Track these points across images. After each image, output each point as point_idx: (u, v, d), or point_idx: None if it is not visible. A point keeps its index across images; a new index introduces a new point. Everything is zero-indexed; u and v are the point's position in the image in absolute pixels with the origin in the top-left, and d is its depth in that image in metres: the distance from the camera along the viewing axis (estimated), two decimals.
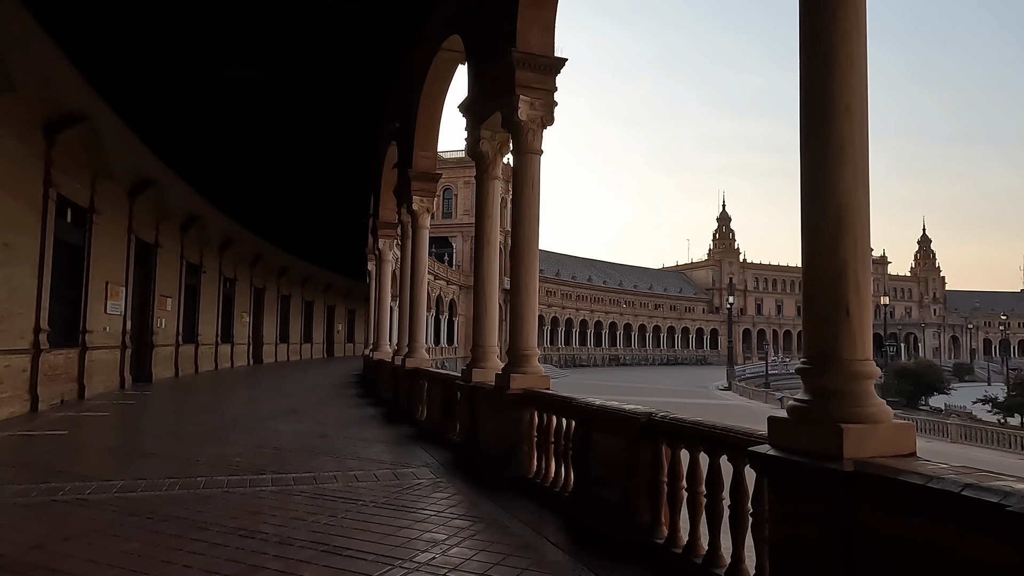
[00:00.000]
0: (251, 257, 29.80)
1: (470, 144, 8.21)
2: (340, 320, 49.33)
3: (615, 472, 4.77)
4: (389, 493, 6.21)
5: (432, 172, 11.90)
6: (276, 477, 6.76)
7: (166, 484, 6.31)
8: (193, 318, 22.75)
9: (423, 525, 5.16)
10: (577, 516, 5.16)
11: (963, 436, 31.60)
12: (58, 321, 12.50)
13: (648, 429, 4.49)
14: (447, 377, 9.49)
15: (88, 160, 13.48)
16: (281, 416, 11.76)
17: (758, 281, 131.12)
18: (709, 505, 3.99)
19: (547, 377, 6.81)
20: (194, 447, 8.56)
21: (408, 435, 9.95)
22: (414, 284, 11.85)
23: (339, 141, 17.27)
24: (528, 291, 6.92)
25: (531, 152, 6.97)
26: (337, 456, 8.08)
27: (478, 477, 6.89)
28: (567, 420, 5.82)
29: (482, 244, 8.05)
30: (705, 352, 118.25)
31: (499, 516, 5.49)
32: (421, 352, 11.75)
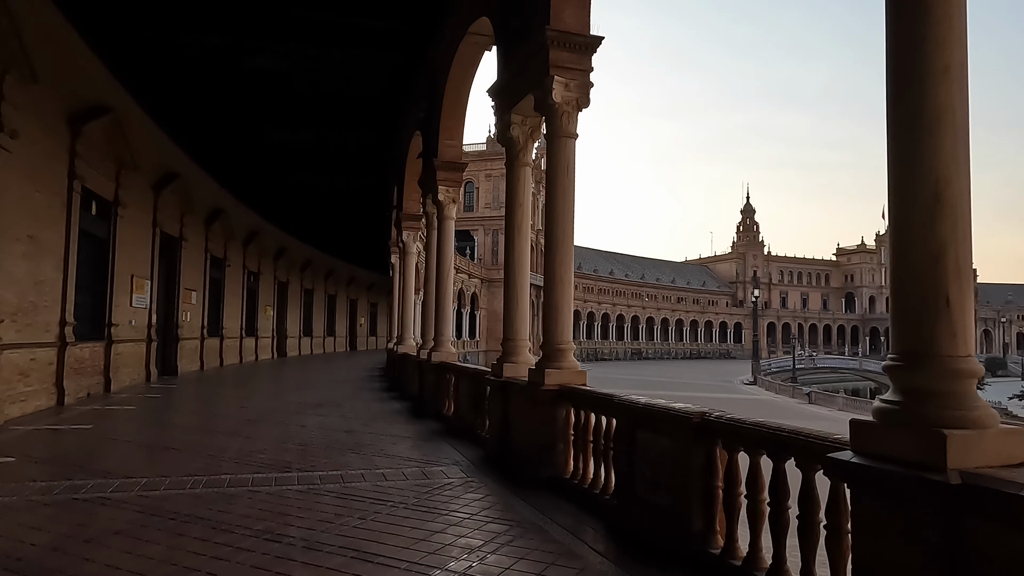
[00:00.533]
0: (275, 251, 29.82)
1: (500, 129, 7.88)
2: (362, 314, 49.46)
3: (663, 475, 4.45)
4: (419, 493, 5.94)
5: (458, 161, 11.60)
6: (302, 475, 6.54)
7: (190, 482, 6.12)
8: (218, 311, 22.77)
9: (457, 529, 4.88)
10: (621, 521, 4.85)
11: None
12: (84, 314, 12.45)
13: (702, 429, 4.16)
14: (476, 372, 9.22)
15: (113, 152, 13.40)
16: (307, 410, 11.59)
17: (783, 274, 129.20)
18: (773, 514, 3.65)
19: (583, 372, 6.49)
20: (219, 442, 8.39)
21: (435, 431, 9.70)
22: (440, 277, 11.57)
23: (363, 132, 17.07)
24: (563, 282, 6.59)
25: (566, 136, 6.63)
26: (364, 453, 7.84)
27: (510, 476, 6.61)
28: (607, 418, 5.50)
29: (513, 234, 7.73)
30: (728, 346, 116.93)
31: (536, 519, 5.19)
32: (447, 346, 11.49)
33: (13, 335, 9.60)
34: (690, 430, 4.19)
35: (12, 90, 9.18)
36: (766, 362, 74.03)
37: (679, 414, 4.29)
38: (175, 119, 16.23)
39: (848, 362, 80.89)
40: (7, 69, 9.05)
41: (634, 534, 4.66)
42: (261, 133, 17.44)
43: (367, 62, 13.04)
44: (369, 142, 17.88)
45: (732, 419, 4.02)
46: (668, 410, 4.45)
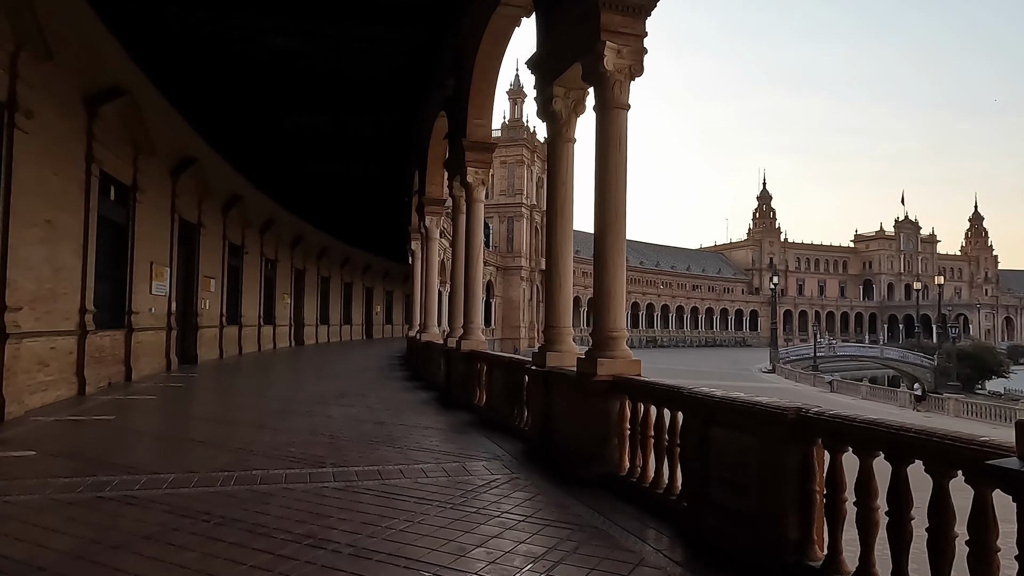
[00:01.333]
0: (292, 238, 29.53)
1: (540, 103, 7.38)
2: (378, 301, 49.24)
3: (747, 478, 3.99)
4: (464, 491, 5.53)
5: (488, 141, 11.11)
6: (337, 471, 6.15)
7: (220, 478, 5.74)
8: (236, 299, 22.52)
9: (514, 533, 4.46)
10: (693, 527, 4.40)
11: None
12: (103, 302, 12.16)
13: (798, 427, 3.69)
14: (511, 360, 8.79)
15: (130, 136, 13.03)
16: (331, 400, 11.24)
17: (799, 261, 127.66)
18: (892, 525, 3.19)
19: (638, 362, 6.03)
20: (246, 434, 8.03)
21: (467, 422, 9.30)
22: (469, 262, 11.13)
23: (383, 116, 16.57)
24: (615, 264, 6.12)
25: (618, 107, 6.13)
26: (398, 446, 7.45)
27: (557, 472, 6.19)
28: (672, 412, 5.05)
29: (555, 214, 7.25)
30: (744, 334, 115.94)
31: (596, 522, 4.76)
32: (477, 334, 11.06)
33: (32, 323, 9.29)
34: (784, 428, 3.72)
35: (26, 68, 8.80)
36: (784, 350, 73.16)
37: (770, 410, 3.83)
38: (192, 102, 15.85)
39: (869, 350, 79.77)
40: (21, 45, 8.66)
41: (710, 542, 4.21)
42: (278, 118, 17.00)
43: (389, 40, 12.52)
44: (388, 126, 17.38)
45: (836, 416, 3.55)
46: (754, 405, 3.98)
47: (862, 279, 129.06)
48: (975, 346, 63.66)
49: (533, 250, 69.82)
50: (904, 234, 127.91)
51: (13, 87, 8.57)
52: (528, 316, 68.83)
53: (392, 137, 18.13)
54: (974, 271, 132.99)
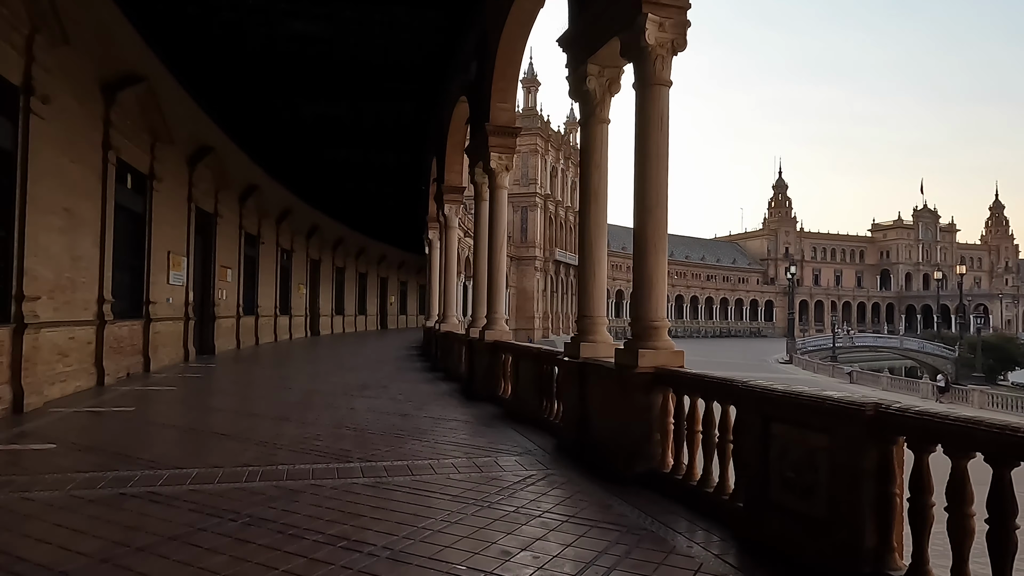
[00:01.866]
0: (307, 228, 29.39)
1: (573, 83, 7.06)
2: (393, 292, 49.15)
3: (815, 478, 3.69)
4: (500, 488, 5.27)
5: (512, 126, 10.79)
6: (366, 466, 5.91)
7: (245, 474, 5.52)
8: (253, 289, 22.42)
9: (559, 535, 4.20)
10: (751, 530, 4.11)
11: None
12: (122, 292, 12.02)
13: (877, 424, 3.38)
14: (539, 351, 8.51)
15: (147, 124, 12.84)
16: (353, 392, 11.03)
17: (815, 251, 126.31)
18: (995, 533, 2.88)
19: (681, 353, 5.73)
20: (269, 427, 7.83)
21: (494, 414, 9.05)
22: (493, 250, 10.85)
23: (402, 103, 16.27)
24: (657, 250, 5.81)
25: (659, 83, 5.79)
26: (425, 440, 7.21)
27: (594, 469, 5.92)
28: (723, 407, 4.75)
29: (588, 200, 6.94)
30: (759, 324, 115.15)
31: (644, 523, 4.48)
32: (501, 324, 10.80)
33: (51, 313, 9.12)
34: (861, 425, 3.41)
35: (42, 52, 8.58)
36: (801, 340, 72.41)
37: (844, 405, 3.52)
38: (209, 90, 15.64)
39: (888, 340, 78.78)
40: (37, 28, 8.44)
41: (772, 546, 3.92)
42: (296, 106, 16.75)
43: (410, 24, 12.20)
44: (407, 113, 17.09)
45: (923, 412, 3.24)
46: (824, 400, 3.67)
47: (879, 269, 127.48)
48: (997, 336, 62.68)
49: (547, 240, 69.43)
50: (923, 223, 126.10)
51: (29, 71, 8.35)
52: (542, 306, 68.52)
53: (411, 125, 17.83)
54: (994, 260, 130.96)
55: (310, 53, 13.47)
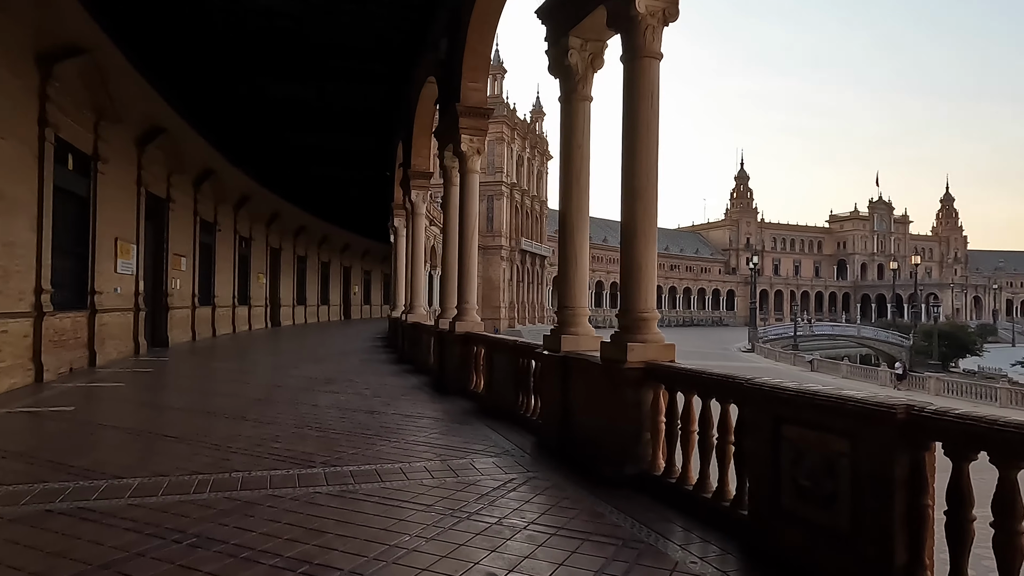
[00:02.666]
0: (268, 216, 28.36)
1: (553, 57, 6.60)
2: (356, 281, 48.13)
3: (835, 487, 3.33)
4: (479, 496, 4.82)
5: (484, 107, 10.27)
6: (330, 471, 5.40)
7: (195, 483, 4.96)
8: (209, 279, 21.45)
9: (549, 552, 3.77)
10: (761, 541, 3.74)
11: (1013, 401, 30.12)
12: (63, 281, 11.17)
13: (910, 429, 3.03)
14: (516, 344, 8.07)
15: (91, 100, 11.93)
16: (317, 387, 10.43)
17: (776, 241, 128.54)
18: None
19: (672, 346, 5.35)
20: (224, 428, 7.23)
21: (466, 410, 8.60)
22: (464, 237, 10.34)
23: (369, 84, 15.55)
24: (647, 236, 5.41)
25: (649, 56, 5.37)
26: (395, 440, 6.72)
27: (579, 470, 5.52)
28: (724, 405, 4.38)
29: (570, 182, 6.51)
30: (721, 313, 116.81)
31: (641, 535, 4.09)
32: (473, 315, 10.32)
33: None
34: (892, 429, 3.05)
35: None
36: (762, 329, 73.57)
37: (871, 407, 3.15)
38: (161, 66, 14.71)
39: (845, 329, 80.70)
40: None
41: (787, 561, 3.56)
42: (257, 86, 15.91)
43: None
44: (374, 95, 16.38)
45: (964, 415, 2.89)
46: (845, 401, 3.30)
47: (836, 259, 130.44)
48: (950, 325, 64.57)
49: (514, 230, 68.94)
50: (878, 215, 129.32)
51: None
52: (508, 296, 68.12)
53: (378, 107, 17.13)
54: (944, 251, 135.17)
55: (273, 29, 12.70)
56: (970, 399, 31.94)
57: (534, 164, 74.15)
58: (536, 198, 74.67)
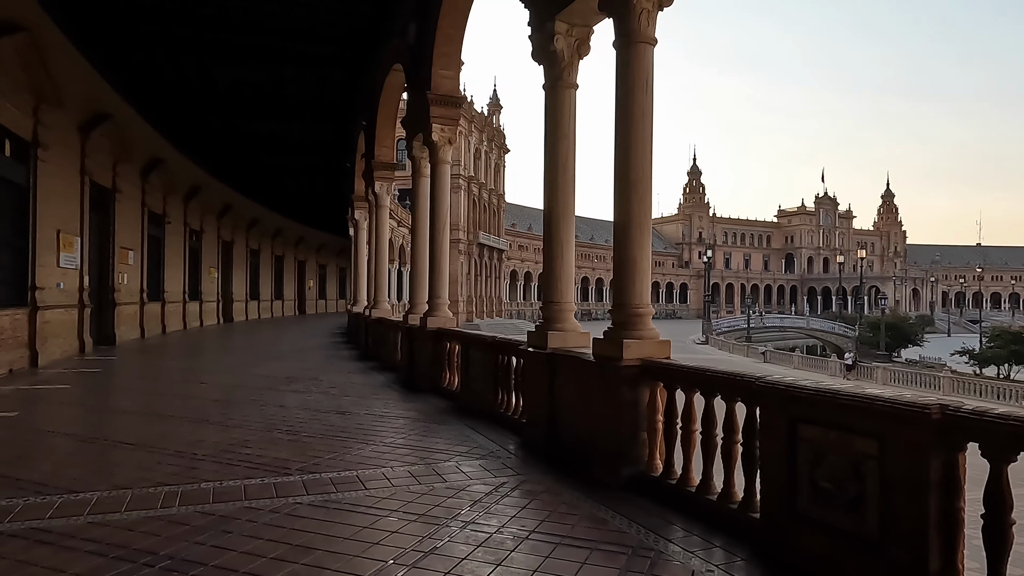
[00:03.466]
0: (219, 207, 27.30)
1: (537, 43, 6.34)
2: (311, 276, 47.00)
3: (860, 490, 3.20)
4: (473, 502, 4.57)
5: (456, 95, 9.94)
6: (309, 479, 5.06)
7: (161, 496, 4.56)
8: (158, 273, 20.51)
9: (559, 564, 3.54)
10: (781, 548, 3.60)
11: (955, 389, 31.39)
12: (1, 277, 10.41)
13: (945, 429, 2.90)
14: (496, 340, 7.80)
15: (29, 82, 11.13)
16: (281, 386, 9.97)
17: (727, 235, 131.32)
18: None
19: (667, 343, 5.18)
20: (186, 432, 6.76)
21: (442, 409, 8.31)
22: (435, 230, 10.02)
23: (328, 69, 15.01)
24: (641, 229, 5.22)
25: (644, 41, 5.16)
26: (372, 442, 6.40)
27: (570, 472, 5.32)
28: (729, 404, 4.22)
29: (556, 173, 6.28)
30: (675, 306, 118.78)
31: (649, 541, 3.90)
32: (444, 310, 10.02)
33: None
34: (927, 430, 2.93)
35: None
36: (716, 321, 75.10)
37: (902, 407, 3.02)
38: (105, 49, 13.86)
39: (795, 321, 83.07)
40: None
41: (805, 567, 3.42)
42: (208, 69, 15.16)
43: None
44: (334, 82, 15.83)
45: (1006, 415, 2.77)
46: (873, 400, 3.16)
47: (784, 253, 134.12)
48: (893, 316, 67.05)
49: (471, 223, 68.51)
50: (823, 210, 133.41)
51: None
52: (467, 290, 67.71)
53: (337, 94, 16.57)
54: (885, 245, 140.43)
55: (228, 10, 12.07)
56: (915, 387, 33.15)
57: (491, 157, 73.80)
58: (493, 192, 74.37)
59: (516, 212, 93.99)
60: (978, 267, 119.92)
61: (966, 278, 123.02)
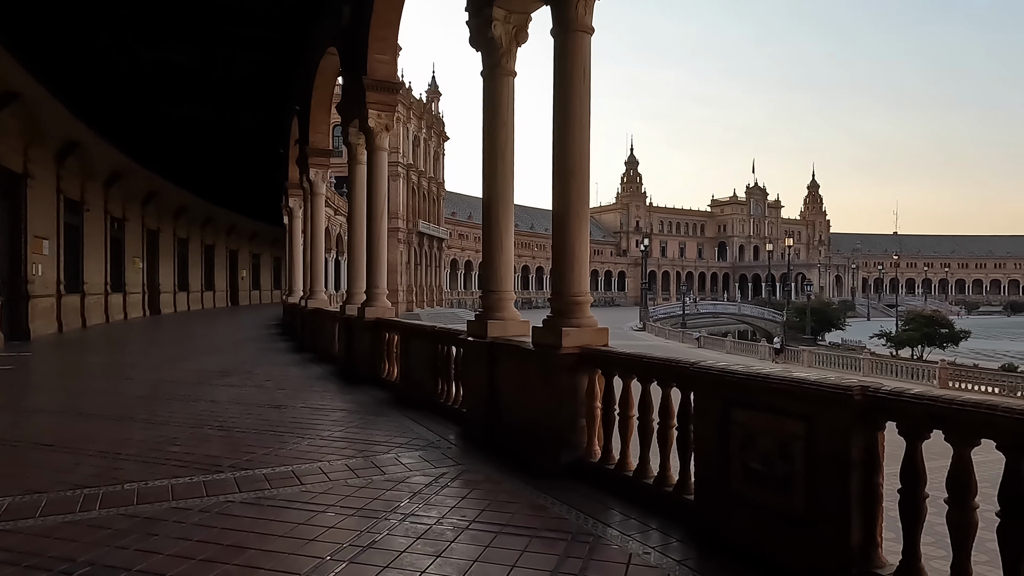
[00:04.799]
0: (143, 195, 26.02)
1: (475, 28, 6.27)
2: (244, 266, 45.47)
3: (789, 470, 3.32)
4: (412, 494, 4.52)
5: (393, 80, 9.75)
6: (241, 476, 4.89)
7: (80, 499, 4.32)
8: (77, 264, 19.42)
9: (500, 553, 3.54)
10: (714, 528, 3.71)
11: (874, 370, 33.16)
12: None
13: (868, 409, 3.04)
14: (436, 330, 7.74)
15: None
16: (212, 380, 9.62)
17: (663, 224, 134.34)
18: (1008, 528, 2.61)
19: (605, 330, 5.25)
20: (109, 431, 6.43)
21: (381, 400, 8.20)
22: (373, 219, 9.83)
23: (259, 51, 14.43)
24: (580, 217, 5.26)
25: (582, 30, 5.18)
26: (309, 436, 6.25)
27: (511, 461, 5.34)
28: (664, 390, 4.31)
29: (495, 160, 6.24)
30: (613, 294, 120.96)
31: (588, 526, 3.95)
32: (383, 299, 9.87)
33: None
34: (850, 411, 3.05)
35: None
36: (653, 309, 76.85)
37: (827, 389, 3.15)
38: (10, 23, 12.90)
39: (727, 307, 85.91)
40: None
41: (738, 546, 3.54)
42: (129, 48, 14.34)
43: None
44: (266, 64, 15.23)
45: (921, 395, 2.92)
46: (800, 383, 3.28)
47: (718, 241, 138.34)
48: (817, 302, 70.18)
49: (411, 211, 67.73)
50: (754, 199, 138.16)
51: None
52: (406, 279, 66.98)
53: (269, 77, 15.97)
54: (811, 234, 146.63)
55: None
56: (838, 369, 34.87)
57: (430, 145, 73.05)
58: (433, 180, 73.68)
59: (456, 201, 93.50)
60: (895, 255, 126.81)
61: (884, 265, 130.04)
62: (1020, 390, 27.00)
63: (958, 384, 29.25)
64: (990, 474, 2.88)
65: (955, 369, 31.79)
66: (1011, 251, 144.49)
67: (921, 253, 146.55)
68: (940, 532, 3.09)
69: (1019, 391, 26.91)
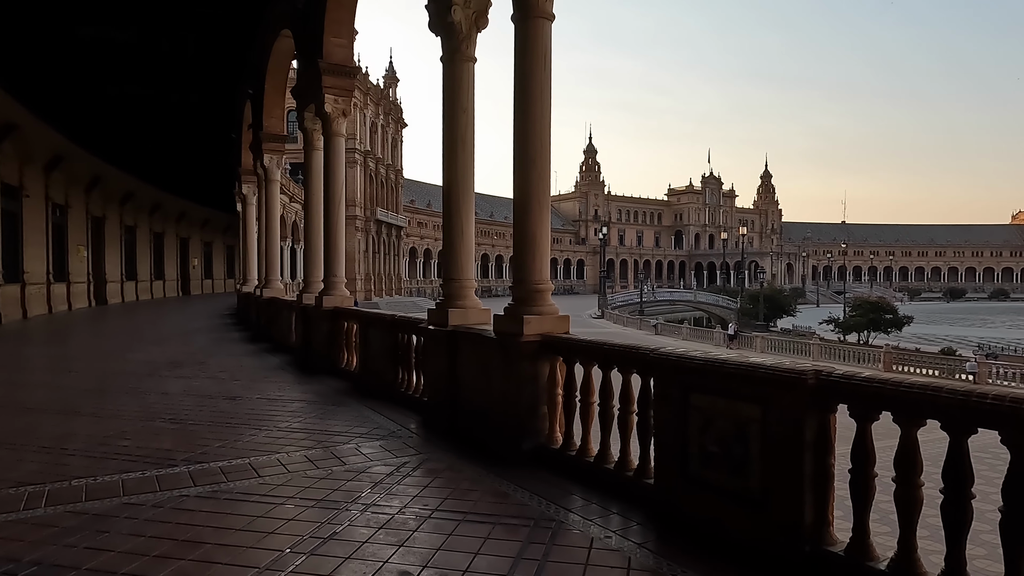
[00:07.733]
0: (88, 180, 25.03)
1: (435, 13, 6.17)
2: (195, 254, 44.21)
3: (744, 452, 3.40)
4: (373, 484, 4.48)
5: (350, 65, 9.56)
6: (196, 469, 4.77)
7: (24, 497, 4.15)
8: (16, 252, 18.63)
9: (462, 541, 3.55)
10: (673, 511, 3.78)
11: (824, 354, 34.26)
12: None
13: (820, 393, 3.13)
14: (396, 319, 7.65)
15: None
16: (163, 371, 9.34)
17: (621, 213, 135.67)
18: (950, 503, 2.73)
19: (566, 318, 5.28)
20: (53, 425, 6.19)
21: (339, 390, 8.10)
22: (330, 205, 9.65)
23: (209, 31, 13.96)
24: (541, 205, 5.25)
25: (541, 16, 5.15)
26: (266, 428, 6.13)
27: (472, 449, 5.34)
28: (625, 376, 4.36)
29: (455, 147, 6.18)
30: (572, 282, 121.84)
31: (550, 512, 3.99)
32: (341, 288, 9.72)
33: None
34: (803, 394, 3.14)
35: None
36: (611, 296, 77.72)
37: (781, 373, 3.22)
38: None
39: (684, 295, 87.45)
40: None
41: (696, 528, 3.62)
42: (66, 24, 13.68)
43: None
44: (216, 45, 14.75)
45: (871, 379, 3.02)
46: (756, 368, 3.36)
47: (674, 230, 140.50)
48: (769, 289, 72.03)
49: (368, 199, 66.81)
50: (709, 189, 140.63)
51: None
52: (364, 268, 66.17)
53: (220, 59, 15.46)
54: (763, 223, 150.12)
55: None
56: (789, 354, 35.89)
57: (388, 132, 72.08)
58: (391, 167, 72.79)
59: (415, 189, 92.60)
60: (843, 243, 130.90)
61: (833, 253, 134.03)
62: (958, 372, 28.28)
63: (901, 367, 30.44)
64: (932, 452, 3.01)
65: (899, 353, 33.10)
66: (950, 239, 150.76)
67: (867, 241, 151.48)
68: (885, 509, 3.23)
69: (957, 373, 28.18)
